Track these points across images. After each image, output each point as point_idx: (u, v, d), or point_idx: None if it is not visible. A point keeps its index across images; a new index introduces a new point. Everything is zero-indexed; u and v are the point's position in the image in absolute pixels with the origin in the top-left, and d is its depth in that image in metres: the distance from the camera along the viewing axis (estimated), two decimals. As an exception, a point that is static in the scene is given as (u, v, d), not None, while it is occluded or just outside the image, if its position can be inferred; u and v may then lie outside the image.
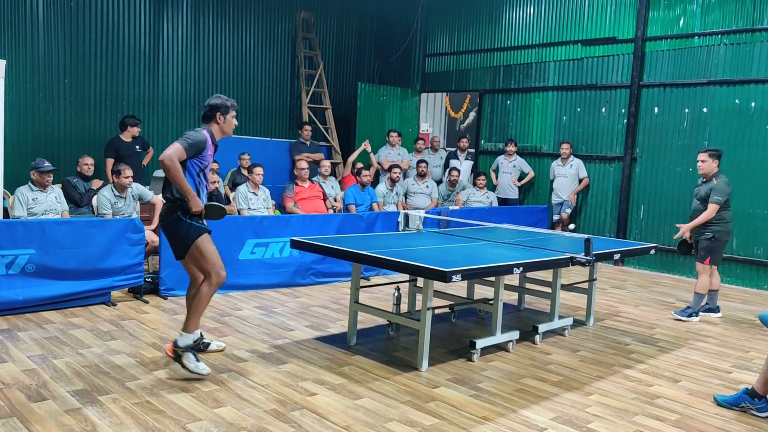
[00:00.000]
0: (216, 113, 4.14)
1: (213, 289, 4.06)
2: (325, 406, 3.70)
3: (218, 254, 4.10)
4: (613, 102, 9.29)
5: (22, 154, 8.13)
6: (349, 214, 7.67)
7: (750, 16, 8.01)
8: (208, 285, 4.03)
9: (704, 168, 6.12)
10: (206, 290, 4.03)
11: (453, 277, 3.94)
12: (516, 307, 6.33)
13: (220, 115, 4.15)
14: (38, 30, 8.52)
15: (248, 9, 10.52)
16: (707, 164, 6.09)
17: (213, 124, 4.16)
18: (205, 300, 4.05)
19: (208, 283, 4.03)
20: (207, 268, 4.03)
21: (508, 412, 3.77)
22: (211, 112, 4.14)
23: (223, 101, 4.16)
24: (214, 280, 4.03)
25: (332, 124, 11.06)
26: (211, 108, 4.15)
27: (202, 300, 4.03)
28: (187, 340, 4.00)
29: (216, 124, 4.16)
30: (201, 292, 4.03)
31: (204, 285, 4.04)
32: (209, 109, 4.15)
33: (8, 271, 5.13)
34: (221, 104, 4.15)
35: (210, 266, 4.03)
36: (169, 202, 4.05)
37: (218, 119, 4.15)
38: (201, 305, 4.05)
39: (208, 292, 4.04)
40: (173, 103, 9.86)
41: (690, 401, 4.10)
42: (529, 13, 10.31)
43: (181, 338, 4.00)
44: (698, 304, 6.16)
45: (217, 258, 4.07)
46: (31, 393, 3.67)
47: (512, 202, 9.88)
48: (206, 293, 4.03)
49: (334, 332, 5.19)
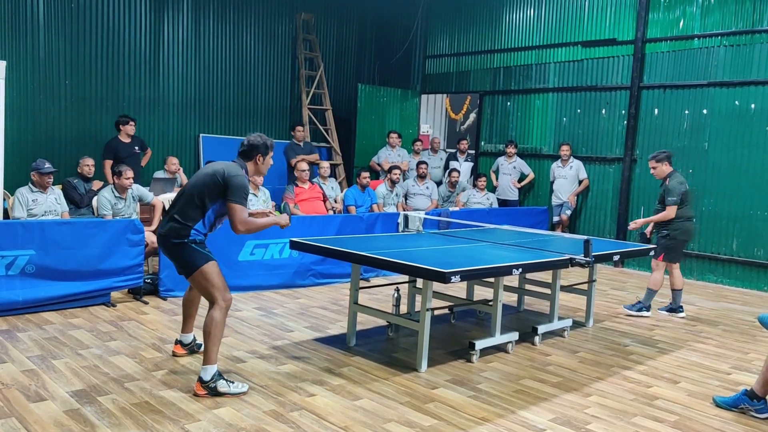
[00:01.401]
0: (257, 154, 4.01)
1: (224, 313, 3.84)
2: (324, 406, 3.71)
3: (223, 278, 3.91)
4: (613, 103, 9.29)
5: (22, 154, 8.14)
6: (348, 216, 7.67)
7: (750, 17, 8.01)
8: (218, 310, 3.82)
9: (657, 173, 6.27)
10: (218, 316, 3.81)
11: (452, 278, 3.94)
12: (515, 308, 6.33)
13: (260, 156, 4.01)
14: (39, 31, 8.54)
15: (248, 10, 10.54)
16: (658, 169, 6.24)
17: (251, 164, 4.02)
18: (220, 327, 3.82)
19: (218, 308, 3.82)
20: (212, 292, 3.83)
21: (507, 413, 3.77)
22: (252, 152, 4.00)
23: (263, 142, 4.01)
24: (221, 304, 3.83)
25: (332, 125, 11.07)
26: (252, 148, 3.99)
27: (217, 327, 3.79)
28: (211, 371, 3.78)
29: (254, 165, 4.03)
30: (214, 319, 3.79)
31: (214, 311, 3.82)
32: (250, 148, 3.99)
33: (8, 271, 5.14)
34: (261, 145, 4.00)
35: (215, 290, 3.83)
36: (174, 223, 3.87)
37: (258, 160, 4.02)
38: (217, 332, 3.80)
39: (219, 317, 3.81)
40: (173, 104, 9.87)
41: (689, 402, 4.10)
42: (529, 14, 10.32)
43: (204, 372, 3.78)
44: (649, 300, 6.28)
45: (221, 282, 3.87)
46: (30, 393, 3.67)
47: (512, 203, 9.88)
48: (219, 319, 3.80)
49: (333, 333, 5.19)
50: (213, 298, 3.83)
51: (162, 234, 3.94)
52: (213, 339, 3.79)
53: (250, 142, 4.01)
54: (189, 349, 4.47)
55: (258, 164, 4.04)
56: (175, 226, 3.86)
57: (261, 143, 4.01)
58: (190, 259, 3.85)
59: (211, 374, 3.77)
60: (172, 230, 3.87)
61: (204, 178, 3.88)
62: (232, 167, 3.90)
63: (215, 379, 3.77)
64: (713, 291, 7.85)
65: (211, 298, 3.85)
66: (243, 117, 10.67)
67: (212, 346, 3.80)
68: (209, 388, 3.76)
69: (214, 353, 3.81)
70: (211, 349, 3.80)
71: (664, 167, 6.21)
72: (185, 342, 4.47)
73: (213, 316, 3.81)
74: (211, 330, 3.79)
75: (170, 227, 3.88)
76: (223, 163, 3.94)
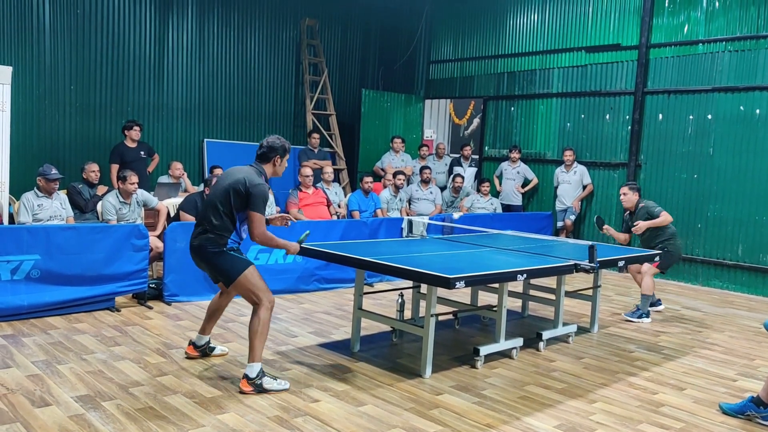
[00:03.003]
0: (275, 156, 4.07)
1: (269, 313, 3.98)
2: (328, 412, 3.70)
3: (264, 280, 4.04)
4: (617, 109, 9.28)
5: (27, 159, 8.18)
6: (352, 221, 7.67)
7: (754, 23, 8.00)
8: (264, 310, 3.94)
9: (627, 200, 6.55)
10: (265, 315, 3.94)
11: (457, 283, 3.93)
12: (520, 314, 6.31)
13: (278, 158, 4.08)
14: (44, 37, 8.58)
15: (253, 16, 10.57)
16: (629, 197, 6.54)
17: (269, 165, 4.08)
18: (267, 326, 3.97)
19: (263, 308, 3.95)
20: (258, 295, 3.95)
21: (512, 419, 3.76)
22: (271, 154, 4.06)
23: (282, 144, 4.08)
24: (267, 305, 3.96)
25: (336, 130, 11.09)
26: (271, 150, 4.05)
27: (265, 326, 3.95)
28: (257, 368, 3.91)
29: (272, 167, 4.09)
30: (261, 319, 3.93)
31: (261, 311, 3.94)
32: (269, 150, 4.05)
33: (13, 276, 5.15)
34: (280, 147, 4.06)
35: (260, 291, 3.96)
36: (209, 234, 3.94)
37: (275, 162, 4.08)
38: (264, 330, 3.94)
39: (266, 317, 3.95)
40: (178, 110, 9.91)
41: (695, 409, 4.08)
42: (533, 19, 10.32)
43: (250, 369, 3.91)
44: (646, 305, 6.38)
45: (264, 284, 4.01)
46: (35, 398, 3.67)
47: (516, 208, 9.87)
48: (266, 319, 3.95)
49: (337, 339, 5.19)
50: (258, 299, 3.96)
51: (197, 245, 4.00)
52: (260, 338, 3.93)
53: (269, 144, 4.06)
54: (202, 351, 4.48)
55: (276, 166, 4.10)
56: (210, 237, 3.94)
57: (279, 145, 4.06)
58: (231, 265, 3.96)
59: (257, 371, 3.90)
60: (208, 240, 3.95)
61: (227, 188, 3.93)
62: (252, 175, 3.95)
63: (260, 376, 3.90)
64: (719, 297, 7.82)
65: (256, 300, 3.96)
66: (247, 122, 10.70)
67: (259, 344, 3.93)
68: (255, 384, 3.88)
69: (260, 351, 3.95)
70: (257, 347, 3.92)
71: (634, 196, 6.55)
72: (199, 344, 4.48)
73: (260, 316, 3.93)
74: (258, 329, 3.92)
75: (206, 238, 3.96)
76: (243, 171, 3.99)
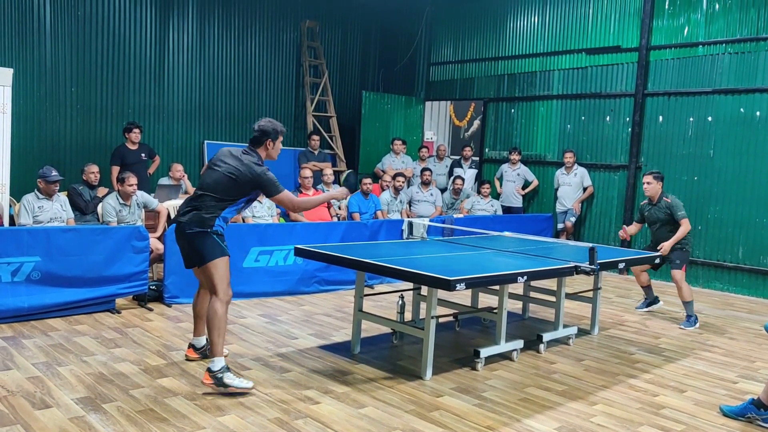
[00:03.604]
0: (266, 139, 4.07)
1: (225, 307, 3.96)
2: (328, 414, 3.70)
3: (229, 275, 4.04)
4: (618, 111, 9.28)
5: (28, 161, 8.19)
6: (353, 222, 7.67)
7: (754, 25, 8.01)
8: (219, 302, 3.94)
9: (652, 190, 6.37)
10: (219, 308, 3.93)
11: (457, 285, 3.93)
12: (520, 315, 6.31)
13: (270, 141, 4.08)
14: (46, 39, 8.59)
15: (253, 18, 10.58)
16: (653, 186, 6.36)
17: (261, 149, 4.09)
18: (223, 318, 3.94)
19: (219, 300, 3.94)
20: (218, 285, 3.95)
21: (512, 421, 3.75)
22: (262, 138, 4.06)
23: (273, 126, 4.07)
24: (224, 298, 3.95)
25: (336, 132, 11.10)
26: (263, 133, 4.06)
27: (220, 318, 3.92)
28: (220, 362, 3.88)
29: (265, 150, 4.10)
30: (217, 312, 3.92)
31: (216, 303, 3.94)
32: (260, 133, 4.06)
33: (13, 278, 5.15)
34: (271, 130, 4.06)
35: (221, 283, 3.96)
36: (198, 212, 3.95)
37: (267, 145, 4.08)
38: (220, 324, 3.92)
39: (221, 309, 3.93)
40: (179, 111, 9.91)
41: (696, 411, 4.07)
42: (533, 21, 10.33)
43: (212, 364, 3.90)
44: (692, 310, 6.30)
45: (227, 278, 4.01)
46: (35, 400, 3.67)
47: (516, 210, 9.87)
48: (221, 312, 3.93)
49: (338, 341, 5.19)
50: (217, 290, 3.95)
51: (182, 222, 3.98)
52: (217, 331, 3.92)
53: (261, 128, 4.07)
54: (202, 353, 4.46)
55: (268, 149, 4.10)
56: (200, 215, 3.94)
57: (271, 128, 4.07)
58: (209, 249, 3.95)
59: (219, 366, 3.87)
60: (195, 218, 3.94)
61: (225, 174, 3.96)
62: (251, 165, 3.97)
63: (222, 371, 3.86)
64: (719, 299, 7.82)
65: (214, 290, 3.96)
66: (247, 124, 10.70)
67: (217, 338, 3.92)
68: (216, 378, 3.86)
69: (220, 345, 3.92)
70: (216, 341, 3.92)
71: (658, 185, 6.38)
72: (198, 346, 4.48)
73: (215, 308, 3.93)
74: (215, 323, 3.91)
75: (194, 215, 3.95)
76: (239, 160, 3.99)
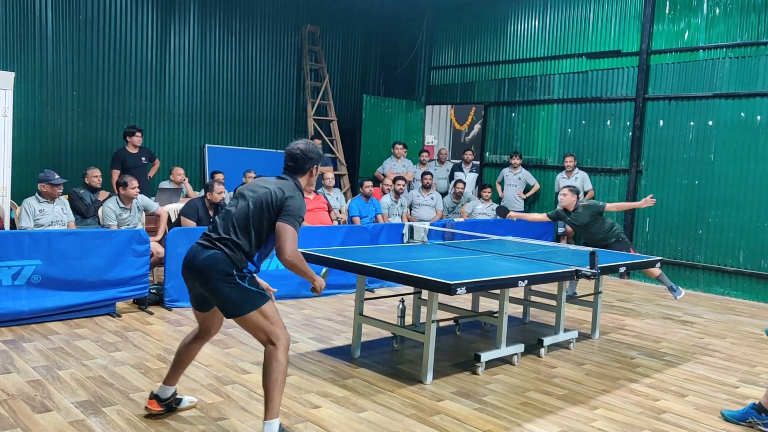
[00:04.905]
0: (312, 166, 3.43)
1: (286, 354, 3.22)
2: (328, 418, 3.69)
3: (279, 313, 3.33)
4: (618, 115, 9.29)
5: (29, 164, 8.20)
6: (353, 226, 7.67)
7: (755, 29, 8.02)
8: (282, 351, 3.18)
9: (567, 201, 6.87)
10: (283, 359, 3.18)
11: (458, 289, 3.93)
12: (521, 320, 6.31)
13: (315, 167, 3.46)
14: (47, 42, 8.61)
15: (254, 22, 10.61)
16: (567, 198, 6.88)
17: (305, 177, 3.45)
18: (285, 371, 3.20)
19: (281, 348, 3.18)
20: (276, 333, 3.20)
21: (513, 425, 3.75)
22: (307, 164, 3.41)
23: (317, 151, 3.46)
24: (285, 344, 3.21)
25: (337, 136, 11.12)
26: (308, 160, 3.40)
27: (284, 373, 3.19)
28: (275, 426, 3.18)
29: (309, 177, 3.46)
30: (281, 364, 3.16)
31: (278, 353, 3.17)
32: (306, 160, 3.39)
33: (14, 281, 5.15)
34: (317, 155, 3.45)
35: (277, 328, 3.21)
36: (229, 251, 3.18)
37: (312, 172, 3.46)
38: (283, 379, 3.19)
39: (285, 360, 3.19)
40: (179, 115, 9.93)
41: (697, 416, 4.07)
42: (534, 26, 10.35)
43: (267, 427, 3.18)
44: (668, 280, 6.99)
45: (280, 319, 3.28)
46: (36, 404, 3.67)
47: (517, 214, 9.87)
48: (285, 363, 3.19)
49: (338, 344, 5.18)
50: (275, 337, 3.19)
51: (204, 262, 3.17)
52: (280, 387, 3.18)
53: (304, 153, 3.39)
54: (167, 406, 3.61)
55: (312, 176, 3.49)
56: (228, 256, 3.17)
57: (316, 153, 3.45)
58: (244, 297, 3.18)
59: (277, 429, 3.19)
60: (223, 260, 3.16)
61: (261, 201, 3.23)
62: (287, 187, 3.31)
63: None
64: (720, 303, 7.81)
65: (273, 340, 3.19)
66: (248, 128, 10.72)
67: (278, 396, 3.18)
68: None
69: (278, 404, 3.20)
70: (276, 399, 3.17)
71: (574, 198, 6.90)
72: (163, 396, 3.59)
73: (279, 359, 3.16)
74: (277, 377, 3.16)
75: (220, 256, 3.17)
76: (278, 182, 3.34)
